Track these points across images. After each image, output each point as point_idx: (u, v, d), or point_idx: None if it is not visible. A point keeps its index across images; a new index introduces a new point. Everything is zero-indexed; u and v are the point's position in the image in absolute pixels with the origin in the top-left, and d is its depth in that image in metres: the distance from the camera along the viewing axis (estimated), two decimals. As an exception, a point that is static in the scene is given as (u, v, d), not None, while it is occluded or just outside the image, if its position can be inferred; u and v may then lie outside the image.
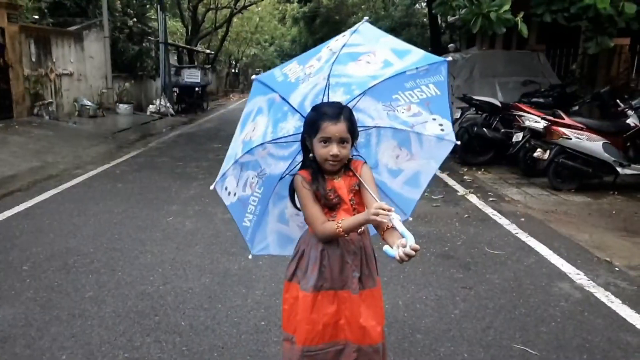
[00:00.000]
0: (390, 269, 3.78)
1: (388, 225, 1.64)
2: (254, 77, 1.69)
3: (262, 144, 1.80)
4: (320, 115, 1.74)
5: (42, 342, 2.74)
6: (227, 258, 3.93)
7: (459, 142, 2.00)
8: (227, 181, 1.84)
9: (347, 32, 1.74)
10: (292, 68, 1.72)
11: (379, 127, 2.01)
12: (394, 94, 1.89)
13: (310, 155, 1.81)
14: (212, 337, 2.82)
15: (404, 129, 1.98)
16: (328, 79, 1.78)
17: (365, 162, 1.89)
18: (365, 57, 1.77)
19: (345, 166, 1.84)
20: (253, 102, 1.74)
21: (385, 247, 1.56)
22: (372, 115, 1.96)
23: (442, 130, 1.96)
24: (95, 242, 4.30)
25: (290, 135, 1.88)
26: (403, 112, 1.93)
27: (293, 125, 1.86)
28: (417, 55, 1.81)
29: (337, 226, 1.71)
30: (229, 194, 1.87)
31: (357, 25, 1.75)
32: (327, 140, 1.73)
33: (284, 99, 1.77)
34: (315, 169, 1.80)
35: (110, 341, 2.76)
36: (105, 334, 2.83)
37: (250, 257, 2.18)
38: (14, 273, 3.64)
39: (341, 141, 1.74)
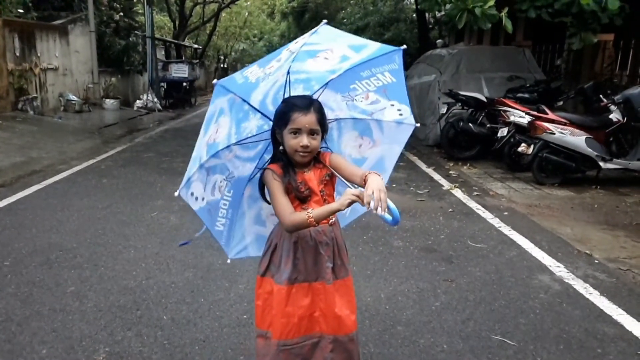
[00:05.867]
0: (373, 262, 3.82)
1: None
2: (215, 81, 1.71)
3: (228, 146, 1.81)
4: (290, 106, 1.76)
5: (22, 336, 2.73)
6: (210, 252, 3.93)
7: (418, 125, 2.04)
8: (193, 186, 1.85)
9: (307, 34, 1.78)
10: (252, 71, 1.74)
11: (339, 119, 2.04)
12: (352, 84, 1.93)
13: (281, 147, 1.82)
14: (194, 331, 2.82)
15: (364, 118, 2.02)
16: (288, 75, 1.80)
17: (332, 152, 1.92)
18: (323, 54, 1.80)
19: (315, 159, 1.86)
20: (215, 104, 1.75)
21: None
22: (332, 107, 1.99)
23: (401, 115, 2.01)
24: (78, 237, 4.27)
25: (254, 136, 1.88)
26: (362, 101, 1.97)
27: (255, 124, 1.87)
28: (373, 48, 1.86)
29: (308, 216, 1.72)
30: (196, 199, 1.88)
31: (316, 28, 1.80)
32: (297, 132, 1.75)
33: (243, 99, 1.78)
34: (286, 161, 1.82)
35: (91, 335, 2.75)
36: (87, 328, 2.83)
37: (228, 261, 2.20)
38: (-6, 268, 3.61)
39: (311, 132, 1.76)
